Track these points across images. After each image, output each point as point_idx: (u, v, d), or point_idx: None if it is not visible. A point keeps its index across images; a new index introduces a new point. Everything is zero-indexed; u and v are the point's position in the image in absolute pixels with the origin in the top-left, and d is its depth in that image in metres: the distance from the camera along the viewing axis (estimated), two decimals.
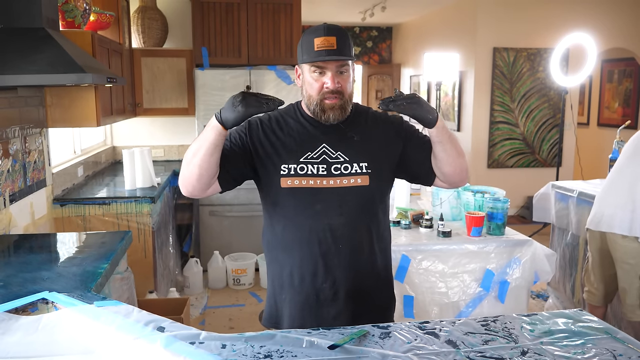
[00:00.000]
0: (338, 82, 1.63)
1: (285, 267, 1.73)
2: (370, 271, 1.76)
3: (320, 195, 1.67)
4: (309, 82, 1.66)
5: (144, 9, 4.84)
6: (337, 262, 1.69)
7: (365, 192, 1.69)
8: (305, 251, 1.69)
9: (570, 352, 1.37)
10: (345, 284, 1.70)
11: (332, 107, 1.64)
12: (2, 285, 1.83)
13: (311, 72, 1.65)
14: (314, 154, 1.68)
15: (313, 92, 1.66)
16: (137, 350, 1.35)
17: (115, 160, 5.12)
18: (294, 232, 1.70)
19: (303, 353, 1.33)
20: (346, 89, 1.66)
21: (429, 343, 1.41)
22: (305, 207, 1.68)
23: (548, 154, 6.83)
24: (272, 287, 1.81)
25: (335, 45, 1.60)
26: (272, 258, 1.79)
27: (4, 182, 2.53)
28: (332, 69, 1.62)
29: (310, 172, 1.67)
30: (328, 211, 1.67)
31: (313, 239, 1.68)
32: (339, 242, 1.68)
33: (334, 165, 1.67)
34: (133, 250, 3.21)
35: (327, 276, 1.69)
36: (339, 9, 7.64)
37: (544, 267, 2.55)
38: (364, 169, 1.68)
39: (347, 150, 1.69)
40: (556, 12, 6.52)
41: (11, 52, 2.41)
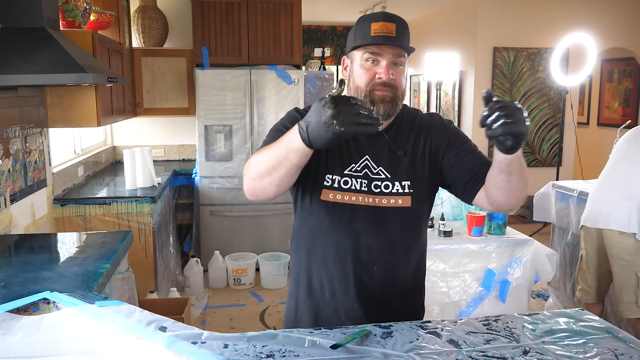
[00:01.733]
0: (392, 73, 1.48)
1: (315, 275, 1.63)
2: (405, 291, 1.66)
3: (359, 213, 1.55)
4: (359, 72, 1.50)
5: (144, 9, 4.84)
6: (370, 284, 1.59)
7: (406, 213, 1.57)
8: (338, 268, 1.58)
9: (572, 351, 1.37)
10: (375, 306, 1.62)
11: (382, 99, 1.48)
12: (3, 285, 1.83)
13: (363, 61, 1.49)
14: (357, 166, 1.55)
15: (362, 83, 1.50)
16: (139, 350, 1.34)
17: (115, 160, 5.12)
18: (328, 247, 1.59)
19: (305, 352, 1.33)
20: (400, 84, 1.50)
21: (431, 342, 1.41)
22: (343, 224, 1.56)
23: (548, 154, 6.84)
24: (296, 290, 1.69)
25: (394, 33, 1.46)
26: (300, 263, 1.68)
27: (5, 182, 2.53)
28: (388, 58, 1.47)
29: (353, 187, 1.54)
30: (366, 231, 1.56)
31: (348, 258, 1.57)
32: (374, 264, 1.58)
33: (374, 182, 1.55)
34: (134, 250, 3.21)
35: (359, 297, 1.59)
36: (339, 9, 7.64)
37: (545, 267, 2.55)
38: (406, 188, 1.56)
39: (389, 166, 1.56)
40: (556, 11, 6.52)
41: (12, 52, 2.42)
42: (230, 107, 4.59)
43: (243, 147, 4.62)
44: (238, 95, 4.58)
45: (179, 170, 4.77)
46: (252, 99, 4.59)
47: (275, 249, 4.70)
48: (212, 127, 4.60)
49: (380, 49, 1.48)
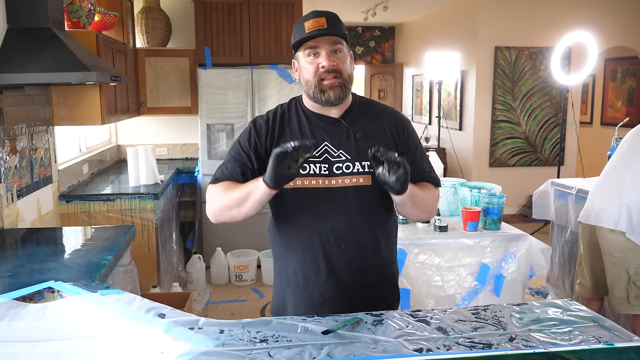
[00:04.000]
0: (333, 60, 1.60)
1: (290, 265, 1.72)
2: (373, 269, 1.73)
3: (322, 195, 1.64)
4: (305, 67, 1.63)
5: (148, 10, 4.91)
6: (340, 262, 1.67)
7: (367, 191, 1.66)
8: (307, 251, 1.67)
9: (557, 338, 1.41)
10: (348, 284, 1.69)
11: (330, 86, 1.60)
12: (10, 275, 1.89)
13: (306, 57, 1.62)
14: (316, 152, 1.65)
15: (309, 76, 1.62)
16: (138, 336, 1.40)
17: (119, 158, 5.19)
18: (296, 232, 1.69)
19: (297, 338, 1.38)
20: (343, 69, 1.62)
21: (420, 330, 1.46)
22: (307, 207, 1.66)
23: (550, 153, 6.86)
24: (279, 281, 1.79)
25: (325, 25, 1.58)
26: (277, 255, 1.78)
27: (12, 177, 2.60)
28: (326, 48, 1.59)
29: (313, 171, 1.64)
30: (330, 212, 1.65)
31: (315, 240, 1.66)
32: (342, 242, 1.66)
33: (335, 164, 1.64)
34: (137, 246, 3.28)
35: (330, 276, 1.67)
36: (341, 9, 7.68)
37: (539, 262, 2.60)
38: (366, 167, 1.65)
39: (348, 148, 1.65)
40: (558, 10, 6.55)
41: (18, 51, 2.48)
42: (232, 106, 4.65)
43: None
44: (240, 95, 4.64)
45: (181, 168, 4.83)
46: (254, 98, 4.65)
47: None
48: (215, 126, 4.67)
49: (316, 42, 1.60)
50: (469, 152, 6.86)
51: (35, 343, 1.40)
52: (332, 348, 1.33)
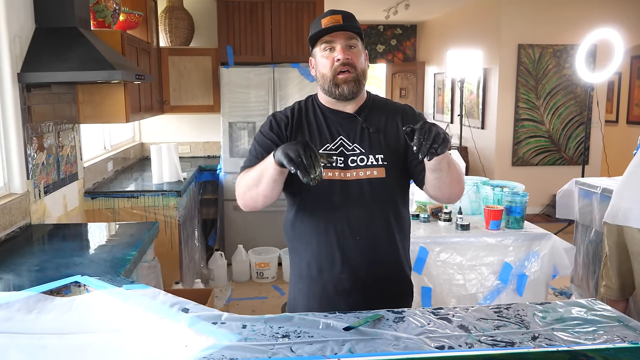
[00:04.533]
0: (348, 54, 1.64)
1: (304, 257, 1.75)
2: (387, 262, 1.76)
3: (337, 187, 1.68)
4: (321, 62, 1.67)
5: (171, 9, 4.96)
6: (354, 254, 1.70)
7: (381, 184, 1.69)
8: (322, 243, 1.70)
9: (581, 338, 1.39)
10: (362, 275, 1.71)
11: (345, 80, 1.65)
12: (38, 269, 1.94)
13: (322, 51, 1.67)
14: (332, 145, 1.70)
15: (325, 70, 1.66)
16: (162, 329, 1.42)
17: (143, 156, 5.26)
18: (311, 224, 1.72)
19: (319, 334, 1.39)
20: (358, 63, 1.66)
21: (442, 327, 1.45)
22: (322, 199, 1.69)
23: (574, 152, 6.76)
24: (292, 277, 1.83)
25: (341, 21, 1.63)
26: (291, 248, 1.82)
27: (39, 174, 2.65)
28: (341, 42, 1.64)
29: (329, 164, 1.67)
30: (345, 203, 1.68)
31: (330, 231, 1.69)
32: (356, 234, 1.69)
33: (350, 157, 1.68)
34: (160, 242, 3.32)
35: (344, 267, 1.70)
36: (363, 7, 7.67)
37: (563, 261, 2.57)
38: (379, 160, 1.69)
39: (363, 142, 1.70)
40: (583, 7, 6.45)
41: (46, 51, 2.54)
42: (253, 105, 4.68)
43: None
44: (261, 93, 4.67)
45: (204, 166, 4.88)
46: (275, 97, 4.67)
47: None
48: (236, 124, 4.70)
49: (332, 37, 1.65)
50: (492, 151, 6.79)
51: (62, 335, 1.43)
52: (354, 344, 1.33)
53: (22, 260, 2.06)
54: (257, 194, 1.63)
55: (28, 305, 1.57)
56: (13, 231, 2.38)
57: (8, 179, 2.47)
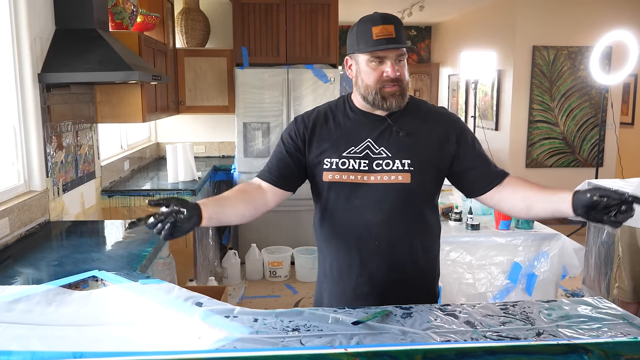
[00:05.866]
0: (397, 70, 1.61)
1: (327, 258, 1.77)
2: (407, 268, 1.73)
3: (359, 191, 1.65)
4: (367, 71, 1.63)
5: (188, 11, 5.04)
6: (374, 259, 1.69)
7: (406, 190, 1.65)
8: (342, 246, 1.70)
9: (585, 334, 1.42)
10: (381, 280, 1.70)
11: (392, 94, 1.62)
12: (57, 264, 2.00)
13: (369, 62, 1.62)
14: (357, 148, 1.67)
15: (371, 82, 1.63)
16: (176, 322, 1.47)
17: (159, 156, 5.34)
18: (333, 226, 1.72)
19: (328, 328, 1.43)
20: (404, 77, 1.64)
21: (448, 323, 1.48)
22: (344, 202, 1.67)
23: (589, 154, 6.73)
24: (319, 274, 1.84)
25: (394, 34, 1.59)
26: (318, 247, 1.83)
27: (58, 172, 2.72)
28: (392, 58, 1.60)
29: (352, 167, 1.65)
30: (366, 207, 1.66)
31: (350, 234, 1.68)
32: (376, 238, 1.67)
33: (376, 161, 1.65)
34: (175, 240, 3.32)
35: (363, 272, 1.70)
36: (377, 9, 7.63)
37: (573, 262, 2.58)
38: (406, 166, 1.65)
39: (390, 146, 1.66)
40: (598, 9, 6.42)
41: (65, 52, 2.61)
42: (268, 105, 4.73)
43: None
44: (276, 94, 4.72)
45: (218, 166, 4.94)
46: (289, 97, 4.72)
47: (310, 243, 4.80)
48: (251, 125, 4.76)
49: (384, 52, 1.60)
50: (505, 153, 6.78)
51: (80, 327, 1.48)
52: (362, 338, 1.37)
53: (42, 256, 2.12)
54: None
55: (47, 298, 1.62)
56: (32, 227, 2.45)
57: (28, 177, 2.54)
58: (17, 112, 2.46)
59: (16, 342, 1.33)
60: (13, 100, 2.44)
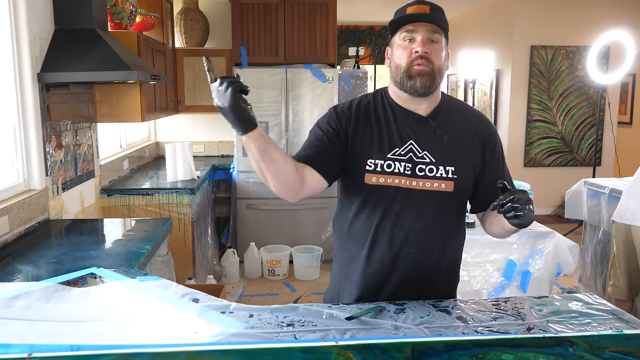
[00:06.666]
0: (428, 48, 1.53)
1: (354, 259, 1.68)
2: (435, 272, 1.68)
3: (401, 195, 1.58)
4: (398, 52, 1.56)
5: (187, 11, 5.06)
6: (405, 265, 1.63)
7: (448, 198, 1.60)
8: (375, 250, 1.63)
9: (575, 329, 1.44)
10: (408, 285, 1.66)
11: (419, 72, 1.53)
12: (56, 261, 2.03)
13: (401, 40, 1.56)
14: (401, 150, 1.58)
15: (402, 61, 1.55)
16: (173, 318, 1.49)
17: (158, 155, 5.36)
18: (367, 228, 1.63)
19: (322, 323, 1.45)
20: (436, 59, 1.54)
21: (441, 319, 1.51)
22: (384, 206, 1.59)
23: (587, 153, 6.75)
24: (338, 273, 1.75)
25: (428, 12, 1.54)
26: (343, 246, 1.73)
27: (57, 171, 2.75)
28: (423, 35, 1.53)
29: (397, 170, 1.57)
30: (406, 214, 1.59)
31: (385, 240, 1.61)
32: (411, 245, 1.61)
33: (419, 165, 1.58)
34: (173, 239, 3.40)
35: (393, 277, 1.64)
36: (376, 9, 7.72)
37: (567, 259, 2.60)
38: (449, 173, 1.58)
39: (434, 150, 1.58)
40: (596, 9, 6.44)
41: (64, 51, 2.63)
42: (266, 105, 4.75)
43: (279, 143, 4.78)
44: (274, 93, 4.74)
45: (217, 165, 4.96)
46: (288, 97, 4.74)
47: (308, 242, 4.83)
48: None
49: (415, 27, 1.54)
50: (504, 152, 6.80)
51: (78, 323, 1.50)
52: (355, 333, 1.39)
53: (41, 253, 2.15)
54: (271, 182, 1.52)
55: (46, 294, 1.65)
56: (32, 226, 2.47)
57: (28, 176, 2.57)
58: (17, 112, 2.48)
59: (15, 337, 1.36)
60: (12, 99, 2.47)
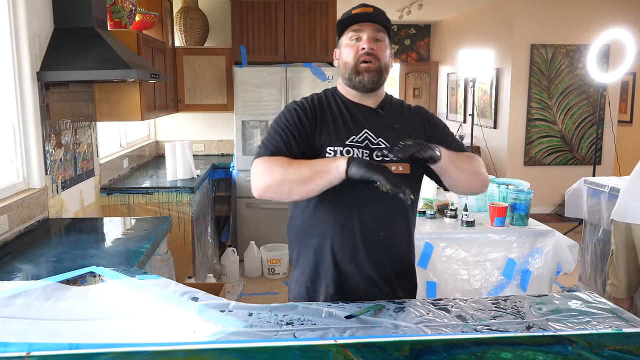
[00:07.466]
0: (373, 46, 1.64)
1: (322, 254, 1.69)
2: (404, 258, 1.76)
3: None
4: (346, 51, 1.67)
5: (186, 9, 5.06)
6: (377, 249, 1.68)
7: (406, 180, 1.60)
8: (345, 239, 1.66)
9: (574, 327, 1.44)
10: (382, 271, 1.70)
11: (367, 69, 1.64)
12: (56, 260, 2.03)
13: (348, 40, 1.66)
14: (357, 137, 1.66)
15: (349, 59, 1.66)
16: (172, 317, 1.49)
17: (158, 154, 5.36)
18: (333, 220, 1.66)
19: (322, 322, 1.45)
20: (382, 56, 1.66)
21: (440, 317, 1.51)
22: (347, 194, 1.62)
23: (587, 152, 6.75)
24: (302, 276, 1.76)
25: (372, 12, 1.65)
26: (305, 245, 1.73)
27: (57, 170, 2.75)
28: (368, 33, 1.64)
29: (356, 156, 1.63)
30: (371, 199, 1.63)
31: (355, 227, 1.65)
32: (380, 229, 1.67)
33: (375, 151, 1.64)
34: (173, 238, 3.40)
35: (366, 263, 1.68)
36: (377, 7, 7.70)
37: (567, 258, 2.60)
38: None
39: (388, 137, 1.67)
40: (596, 7, 6.44)
41: (64, 50, 2.63)
42: (266, 103, 4.75)
43: None
44: (274, 92, 4.74)
45: (217, 164, 4.96)
46: (288, 95, 4.74)
47: None
48: (249, 123, 4.78)
49: (361, 27, 1.65)
50: (504, 151, 6.80)
51: (77, 322, 1.50)
52: (354, 332, 1.39)
53: (41, 252, 2.15)
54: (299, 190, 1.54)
55: (46, 293, 1.65)
56: (32, 224, 2.47)
57: (27, 174, 2.57)
58: (16, 110, 2.48)
59: (14, 336, 1.36)
60: (12, 98, 2.47)
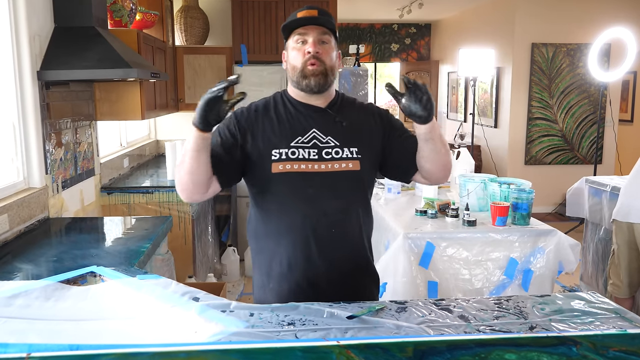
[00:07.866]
0: (319, 48, 1.66)
1: (276, 255, 1.71)
2: (359, 254, 1.78)
3: (312, 179, 1.67)
4: (292, 54, 1.69)
5: (187, 9, 5.05)
6: (330, 246, 1.70)
7: (356, 176, 1.70)
8: (298, 236, 1.68)
9: (577, 328, 1.43)
10: (337, 268, 1.72)
11: (313, 72, 1.65)
12: (56, 260, 2.02)
13: (294, 43, 1.68)
14: (304, 138, 1.69)
15: (296, 62, 1.67)
16: (173, 317, 1.48)
17: (158, 153, 5.35)
18: (286, 218, 1.69)
19: (323, 322, 1.44)
20: (327, 58, 1.68)
21: (442, 317, 1.50)
22: (297, 191, 1.67)
23: (588, 151, 6.74)
24: (259, 278, 1.78)
25: (317, 15, 1.66)
26: (260, 248, 1.77)
27: (57, 169, 2.74)
28: (314, 36, 1.66)
29: (302, 156, 1.66)
30: (321, 196, 1.67)
31: (306, 224, 1.67)
32: (332, 226, 1.69)
33: (324, 149, 1.68)
34: (174, 237, 3.39)
35: (320, 260, 1.69)
36: (376, 6, 7.70)
37: (569, 257, 2.59)
38: (354, 153, 1.70)
39: (336, 135, 1.70)
40: (597, 6, 6.43)
41: (64, 49, 2.62)
42: None
43: None
44: (274, 91, 4.71)
45: None
46: None
47: None
48: None
49: (306, 30, 1.67)
50: (504, 150, 6.80)
51: (78, 322, 1.49)
52: (356, 332, 1.38)
53: (41, 252, 2.14)
54: (185, 175, 1.60)
55: (46, 293, 1.64)
56: (32, 224, 2.47)
57: (27, 174, 2.56)
58: (17, 110, 2.47)
59: (14, 336, 1.35)
60: (12, 97, 2.46)
